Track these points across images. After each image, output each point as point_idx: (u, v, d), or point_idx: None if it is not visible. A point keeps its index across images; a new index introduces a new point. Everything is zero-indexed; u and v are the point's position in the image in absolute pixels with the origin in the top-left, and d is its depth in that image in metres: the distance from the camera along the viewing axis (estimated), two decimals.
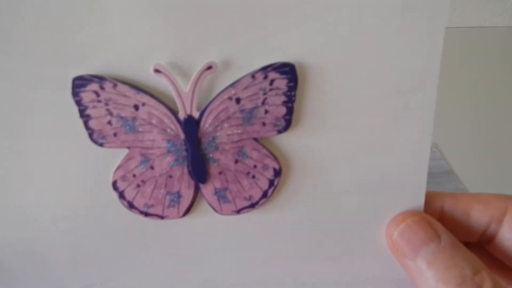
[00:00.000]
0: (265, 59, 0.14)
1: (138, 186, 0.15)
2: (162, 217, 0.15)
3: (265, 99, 0.14)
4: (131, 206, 0.15)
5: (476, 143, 0.53)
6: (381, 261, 0.16)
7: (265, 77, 0.14)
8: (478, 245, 0.16)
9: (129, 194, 0.15)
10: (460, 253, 0.13)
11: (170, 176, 0.15)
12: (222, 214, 0.15)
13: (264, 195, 0.15)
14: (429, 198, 0.15)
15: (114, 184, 0.14)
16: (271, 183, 0.15)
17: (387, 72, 0.14)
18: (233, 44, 0.13)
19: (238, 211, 0.15)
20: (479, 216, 0.15)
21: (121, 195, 0.15)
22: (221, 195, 0.15)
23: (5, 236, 0.15)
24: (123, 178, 0.14)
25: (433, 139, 0.15)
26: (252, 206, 0.15)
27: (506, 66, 0.54)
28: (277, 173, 0.15)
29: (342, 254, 0.16)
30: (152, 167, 0.14)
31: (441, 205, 0.16)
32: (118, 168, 0.14)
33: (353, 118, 0.14)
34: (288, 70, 0.14)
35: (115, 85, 0.13)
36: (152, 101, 0.14)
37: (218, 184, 0.15)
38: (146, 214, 0.15)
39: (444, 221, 0.15)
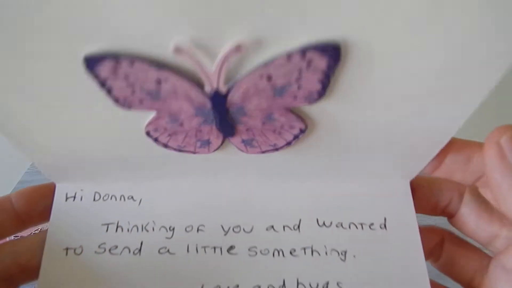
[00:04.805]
0: (303, 34, 0.11)
1: (170, 135, 0.15)
2: (194, 153, 0.17)
3: (300, 77, 0.12)
4: (166, 146, 0.16)
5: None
6: (386, 181, 0.18)
7: (303, 57, 0.12)
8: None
9: (163, 139, 0.16)
10: None
11: (200, 130, 0.15)
12: (247, 153, 0.17)
13: (288, 144, 0.16)
14: None
15: (148, 133, 0.15)
16: (295, 137, 0.15)
17: (426, 61, 0.12)
18: (266, 17, 0.11)
19: (263, 152, 0.16)
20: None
21: (156, 140, 0.16)
22: (248, 143, 0.16)
23: (61, 153, 0.17)
24: (155, 129, 0.15)
25: None
26: (276, 149, 0.16)
27: None
28: (302, 131, 0.15)
29: (353, 178, 0.18)
30: (181, 124, 0.15)
31: None
32: (149, 124, 0.15)
33: (385, 97, 0.13)
34: (331, 50, 0.11)
35: (132, 62, 0.12)
36: (175, 77, 0.12)
37: (245, 137, 0.15)
38: (180, 151, 0.16)
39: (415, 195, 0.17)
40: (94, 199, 0.19)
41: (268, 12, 0.11)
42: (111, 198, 0.19)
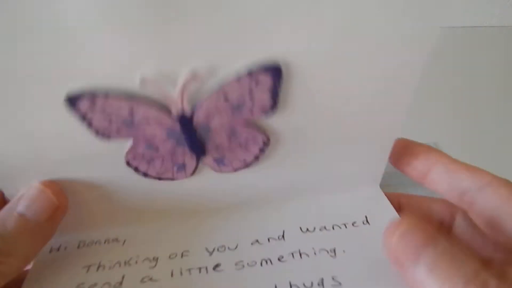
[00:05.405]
0: (250, 60, 0.13)
1: (148, 162, 0.17)
2: (172, 179, 0.18)
3: (252, 95, 0.14)
4: (145, 175, 0.18)
5: (474, 142, 0.49)
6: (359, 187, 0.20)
7: (251, 77, 0.14)
8: None
9: (142, 167, 0.17)
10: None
11: (174, 153, 0.17)
12: (221, 173, 0.18)
13: (256, 158, 0.18)
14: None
15: (128, 163, 0.17)
16: (261, 150, 0.17)
17: (365, 81, 0.14)
18: (218, 49, 0.13)
19: (235, 170, 0.18)
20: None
21: (136, 169, 0.17)
22: (220, 161, 0.18)
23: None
24: (134, 157, 0.17)
25: (433, 138, 0.16)
26: (246, 166, 0.18)
27: (505, 66, 0.57)
28: (266, 143, 0.17)
29: (327, 189, 0.20)
30: (157, 149, 0.16)
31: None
32: (127, 153, 0.16)
33: (333, 110, 0.16)
34: (273, 70, 0.14)
35: (106, 96, 0.14)
36: (145, 106, 0.14)
37: (216, 155, 0.17)
38: (160, 179, 0.18)
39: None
40: (78, 247, 0.19)
41: (218, 44, 0.13)
42: (95, 243, 0.19)
